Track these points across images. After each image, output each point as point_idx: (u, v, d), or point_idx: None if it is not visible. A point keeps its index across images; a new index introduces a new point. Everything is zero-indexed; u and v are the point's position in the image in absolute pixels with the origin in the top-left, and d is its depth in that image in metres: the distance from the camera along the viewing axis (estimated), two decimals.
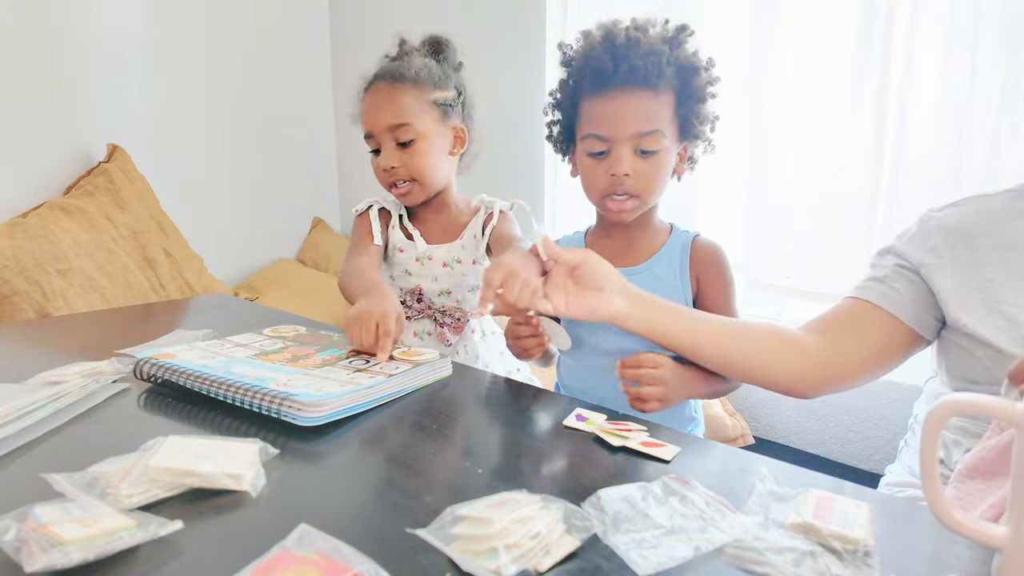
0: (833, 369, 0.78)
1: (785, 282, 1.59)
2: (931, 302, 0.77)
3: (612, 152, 0.84)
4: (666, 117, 0.84)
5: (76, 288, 1.76)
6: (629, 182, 0.84)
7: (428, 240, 1.09)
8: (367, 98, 1.04)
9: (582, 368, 0.95)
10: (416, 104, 1.01)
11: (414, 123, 1.00)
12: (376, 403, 0.70)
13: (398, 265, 1.10)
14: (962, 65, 1.30)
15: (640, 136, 0.83)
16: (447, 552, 0.42)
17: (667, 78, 0.83)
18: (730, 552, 0.43)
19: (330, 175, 2.83)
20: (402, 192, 1.05)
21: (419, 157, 1.01)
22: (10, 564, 0.40)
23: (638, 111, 0.83)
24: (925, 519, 0.49)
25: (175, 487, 0.50)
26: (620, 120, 0.83)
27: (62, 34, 1.97)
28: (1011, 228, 0.74)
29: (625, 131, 0.83)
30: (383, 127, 1.01)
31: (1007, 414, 0.39)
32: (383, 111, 1.01)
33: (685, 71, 0.84)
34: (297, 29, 2.63)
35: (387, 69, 1.03)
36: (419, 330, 1.09)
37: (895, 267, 0.80)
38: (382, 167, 1.02)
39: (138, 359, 0.76)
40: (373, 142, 1.04)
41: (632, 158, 0.84)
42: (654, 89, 0.82)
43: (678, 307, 0.79)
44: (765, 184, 1.59)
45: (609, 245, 0.93)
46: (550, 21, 2.00)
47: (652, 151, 0.84)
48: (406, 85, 1.01)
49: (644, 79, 0.82)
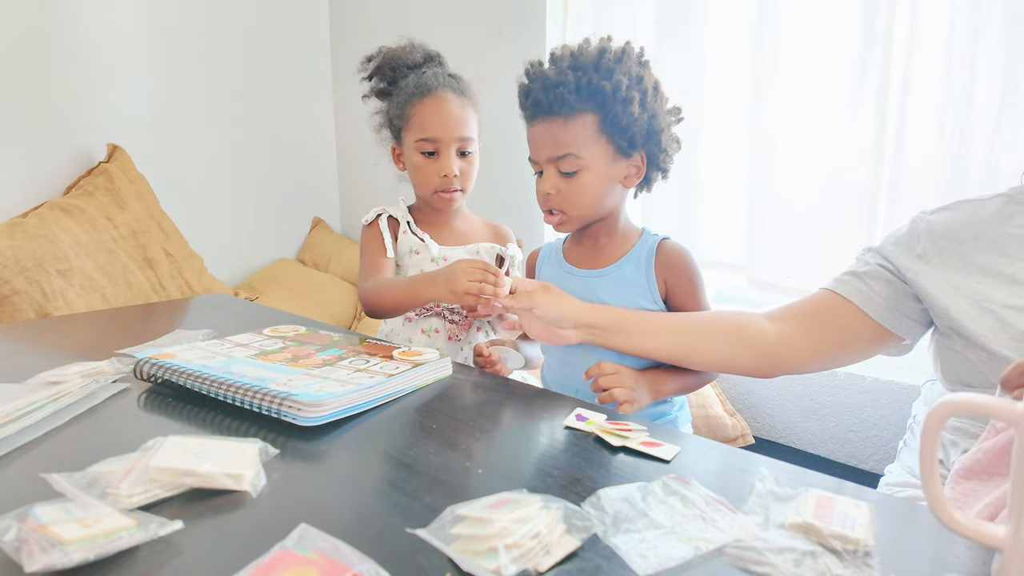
0: (787, 356, 0.85)
1: (785, 282, 1.59)
2: (909, 305, 0.80)
3: (543, 172, 0.94)
4: (584, 139, 0.90)
5: (76, 288, 1.76)
6: (553, 200, 0.92)
7: (440, 243, 1.13)
8: (432, 103, 1.08)
9: (560, 364, 1.01)
10: (475, 119, 1.11)
11: (476, 138, 1.11)
12: (376, 403, 0.70)
13: (413, 267, 1.12)
14: (962, 65, 1.29)
15: (556, 160, 0.90)
16: (447, 552, 0.42)
17: (578, 103, 0.88)
18: (730, 552, 0.43)
19: (330, 175, 2.82)
20: (450, 197, 1.11)
21: (473, 169, 1.11)
22: (10, 564, 0.40)
23: (549, 137, 0.91)
24: (925, 519, 0.49)
25: (175, 487, 0.50)
26: (538, 145, 0.93)
27: (62, 34, 1.97)
28: (1001, 231, 0.75)
29: (543, 155, 0.92)
30: (455, 136, 1.08)
31: (1007, 414, 0.39)
32: (456, 121, 1.08)
33: (599, 93, 0.88)
34: (297, 29, 2.63)
35: (448, 80, 1.10)
36: (427, 328, 1.12)
37: (876, 266, 0.83)
38: (442, 172, 1.08)
39: (138, 359, 0.76)
40: (432, 145, 1.08)
41: (556, 178, 0.91)
42: (563, 116, 0.89)
43: (632, 319, 0.88)
44: (765, 184, 1.58)
45: (580, 250, 1.01)
46: (550, 21, 2.00)
47: (570, 172, 0.91)
48: (469, 101, 1.10)
49: (548, 109, 0.89)
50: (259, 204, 2.56)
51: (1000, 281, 0.72)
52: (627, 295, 0.94)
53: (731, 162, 1.64)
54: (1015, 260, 0.73)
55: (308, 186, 2.74)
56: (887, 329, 0.80)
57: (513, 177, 2.13)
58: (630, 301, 0.93)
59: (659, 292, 0.94)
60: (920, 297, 0.78)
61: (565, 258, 1.02)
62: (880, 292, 0.81)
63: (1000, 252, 0.74)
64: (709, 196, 1.69)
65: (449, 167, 1.06)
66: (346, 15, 2.67)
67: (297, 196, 2.71)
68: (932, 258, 0.78)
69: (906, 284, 0.79)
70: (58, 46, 1.96)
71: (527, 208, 2.14)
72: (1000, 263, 0.73)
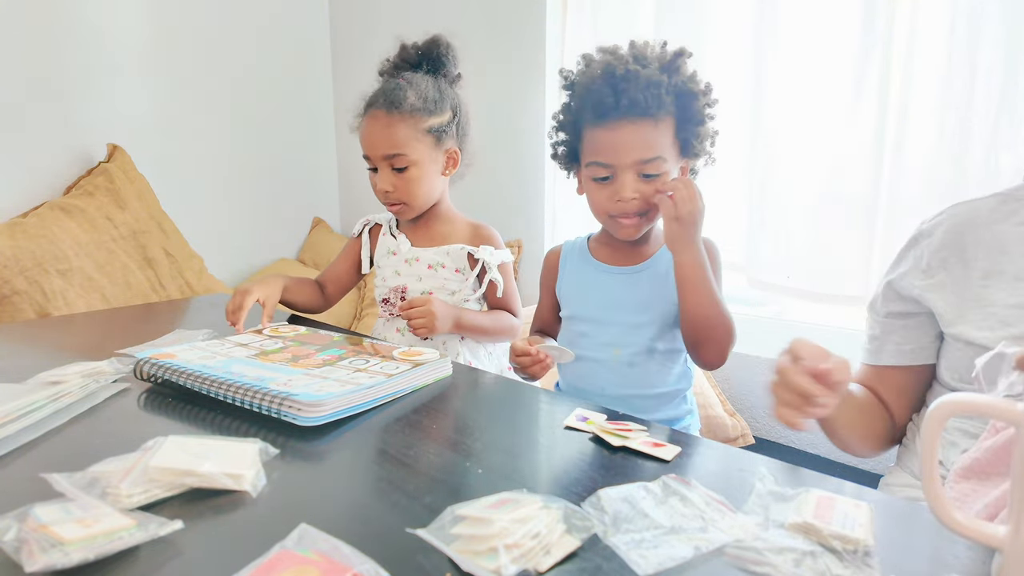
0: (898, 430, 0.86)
1: (785, 282, 1.59)
2: (930, 325, 0.81)
3: (616, 178, 0.89)
4: (667, 142, 0.88)
5: (76, 288, 1.76)
6: (633, 204, 0.89)
7: (415, 244, 1.15)
8: (365, 123, 1.08)
9: (592, 362, 0.97)
10: (411, 134, 1.06)
11: (408, 153, 1.06)
12: (376, 403, 0.70)
13: (389, 267, 1.16)
14: (962, 65, 1.29)
15: (643, 163, 0.87)
16: (447, 552, 0.42)
17: (666, 106, 0.87)
18: (730, 552, 0.43)
19: (330, 175, 2.83)
20: (395, 210, 1.13)
21: (412, 184, 1.08)
22: (10, 564, 0.40)
23: (639, 140, 0.87)
24: (925, 519, 0.49)
25: (175, 487, 0.50)
26: (623, 149, 0.87)
27: (62, 34, 1.97)
28: (998, 231, 0.75)
29: (627, 159, 0.87)
30: (379, 155, 1.07)
31: (1007, 414, 0.39)
32: (379, 140, 1.06)
33: (683, 97, 0.88)
34: (297, 29, 2.63)
35: (385, 95, 1.06)
36: (402, 327, 1.13)
37: (885, 319, 0.84)
38: (378, 188, 1.09)
39: (138, 359, 0.76)
40: (370, 162, 1.09)
41: (635, 182, 0.88)
42: (653, 118, 0.86)
43: None
44: (765, 184, 1.58)
45: (613, 250, 0.99)
46: (550, 20, 2.00)
47: (655, 175, 0.88)
48: (402, 115, 1.05)
49: (644, 110, 0.85)
50: (259, 204, 2.56)
51: (1002, 280, 0.73)
52: (665, 290, 0.93)
53: (731, 162, 1.64)
54: (1016, 257, 0.73)
55: (308, 186, 2.74)
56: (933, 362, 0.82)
57: (514, 177, 2.14)
58: (664, 297, 0.93)
59: None
60: (933, 312, 0.79)
61: (592, 256, 1.01)
62: (906, 339, 0.82)
63: (1001, 251, 0.74)
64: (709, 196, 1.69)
65: (382, 183, 1.08)
66: (346, 15, 2.67)
67: (297, 196, 2.71)
68: (937, 272, 0.78)
69: (916, 301, 0.81)
70: (58, 46, 1.96)
71: (528, 208, 2.15)
72: (1002, 262, 0.74)
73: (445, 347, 1.12)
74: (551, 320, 1.07)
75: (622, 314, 0.95)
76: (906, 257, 0.84)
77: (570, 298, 1.02)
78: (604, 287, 0.97)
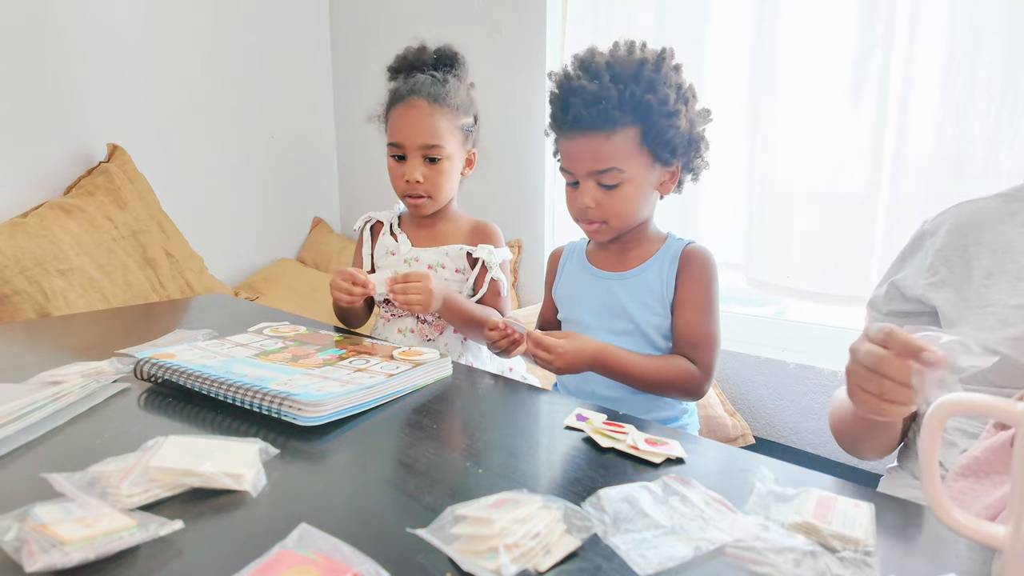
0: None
1: (785, 282, 1.59)
2: (931, 324, 0.80)
3: (580, 184, 0.91)
4: (626, 152, 0.88)
5: (76, 288, 1.76)
6: (592, 212, 0.91)
7: (415, 244, 1.15)
8: (402, 111, 1.07)
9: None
10: (449, 127, 1.07)
11: (445, 145, 1.07)
12: (376, 403, 0.70)
13: (388, 267, 1.15)
14: (962, 65, 1.29)
15: (598, 173, 0.89)
16: (447, 552, 0.42)
17: (617, 118, 0.86)
18: (730, 552, 0.43)
19: (330, 175, 2.82)
20: (416, 203, 1.10)
21: (442, 176, 1.08)
22: (10, 564, 0.40)
23: (590, 153, 0.88)
24: (925, 519, 0.49)
25: (175, 487, 0.50)
26: (577, 160, 0.90)
27: (62, 34, 1.97)
28: (1000, 231, 0.75)
29: (582, 169, 0.89)
30: (416, 143, 1.06)
31: (1007, 414, 0.39)
32: (421, 129, 1.06)
33: (643, 107, 0.86)
34: (297, 29, 2.63)
35: (427, 87, 1.06)
36: (403, 327, 1.13)
37: (886, 317, 0.83)
38: (406, 177, 1.07)
39: (138, 359, 0.76)
40: (399, 151, 1.08)
41: (596, 191, 0.90)
42: (605, 131, 0.86)
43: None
44: (765, 184, 1.58)
45: (605, 253, 1.00)
46: (550, 19, 2.00)
47: (612, 185, 0.89)
48: (443, 108, 1.06)
49: (590, 124, 0.86)
50: (259, 204, 2.56)
51: (1004, 280, 0.73)
52: (643, 299, 0.93)
53: (731, 162, 1.64)
54: (1017, 257, 0.73)
55: (308, 186, 2.74)
56: None
57: (514, 177, 2.14)
58: (645, 305, 0.93)
59: (672, 299, 0.93)
60: (934, 307, 0.79)
61: (588, 259, 1.02)
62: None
63: (1004, 251, 0.74)
64: (709, 196, 1.69)
65: (412, 173, 1.06)
66: (346, 15, 2.67)
67: (297, 196, 2.71)
68: (940, 270, 0.78)
69: (920, 301, 0.80)
70: (59, 46, 1.96)
71: (528, 208, 2.15)
72: (1004, 261, 0.74)
73: (446, 347, 1.12)
74: (553, 320, 1.07)
75: (609, 320, 0.95)
76: (910, 257, 0.83)
77: (563, 301, 1.03)
78: (593, 292, 0.97)
